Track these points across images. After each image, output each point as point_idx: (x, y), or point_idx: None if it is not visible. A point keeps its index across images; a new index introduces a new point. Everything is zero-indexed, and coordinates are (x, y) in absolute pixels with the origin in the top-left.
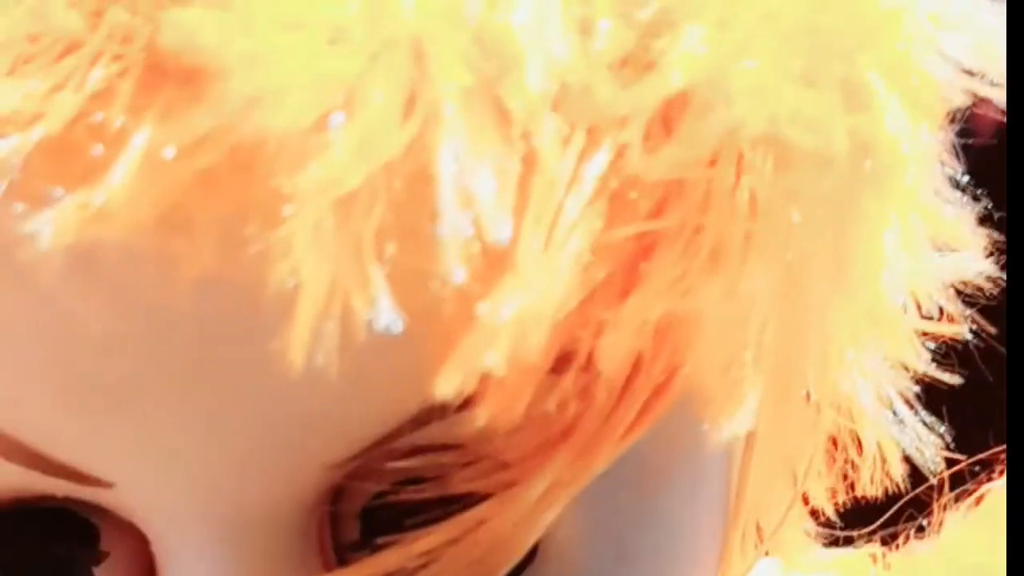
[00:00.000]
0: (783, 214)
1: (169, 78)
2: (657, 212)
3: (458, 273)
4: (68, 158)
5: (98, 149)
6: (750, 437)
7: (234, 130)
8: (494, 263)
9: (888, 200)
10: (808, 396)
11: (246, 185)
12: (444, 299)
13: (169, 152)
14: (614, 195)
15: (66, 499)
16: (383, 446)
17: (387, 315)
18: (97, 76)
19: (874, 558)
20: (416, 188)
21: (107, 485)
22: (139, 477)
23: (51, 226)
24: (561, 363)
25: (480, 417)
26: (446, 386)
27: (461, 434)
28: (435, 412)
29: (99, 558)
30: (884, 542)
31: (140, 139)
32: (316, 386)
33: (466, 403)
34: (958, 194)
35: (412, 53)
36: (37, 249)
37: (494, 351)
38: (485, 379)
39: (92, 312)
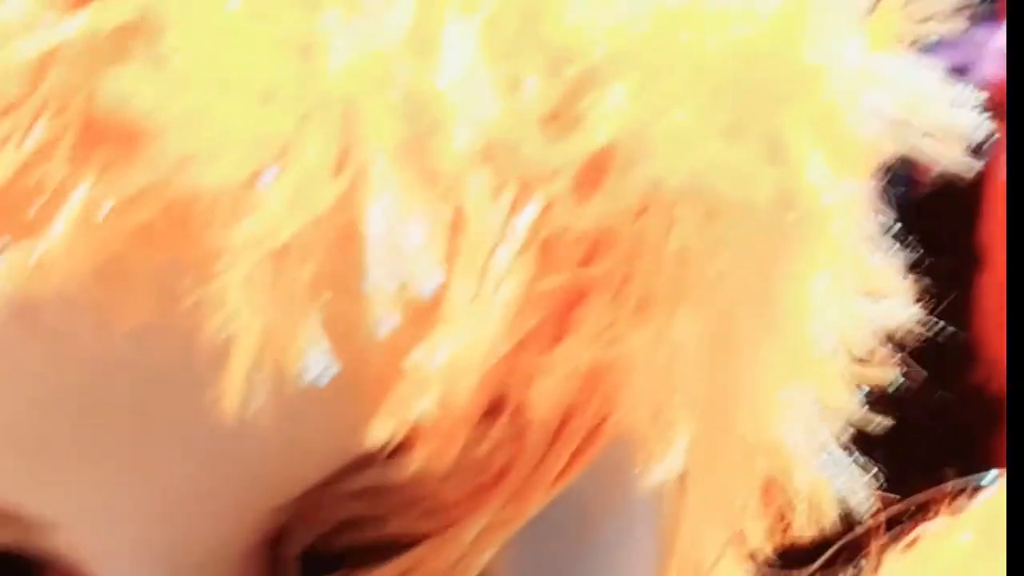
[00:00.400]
0: (710, 263)
1: (107, 136)
2: (586, 262)
3: (389, 323)
4: (9, 212)
5: (38, 204)
6: (683, 479)
7: (170, 186)
8: (425, 313)
9: (813, 249)
10: (742, 439)
11: (182, 239)
12: (376, 348)
13: (107, 207)
14: (544, 246)
15: (10, 543)
16: (321, 490)
17: (319, 364)
18: (37, 134)
19: None
20: (347, 241)
21: (52, 529)
22: (83, 521)
23: None
24: (493, 409)
25: (414, 462)
26: (379, 432)
27: (397, 478)
28: (371, 457)
29: None
30: None
31: (79, 194)
32: (252, 433)
33: (401, 448)
34: (889, 242)
35: (342, 112)
36: None
37: (426, 398)
38: (418, 425)
39: (32, 360)
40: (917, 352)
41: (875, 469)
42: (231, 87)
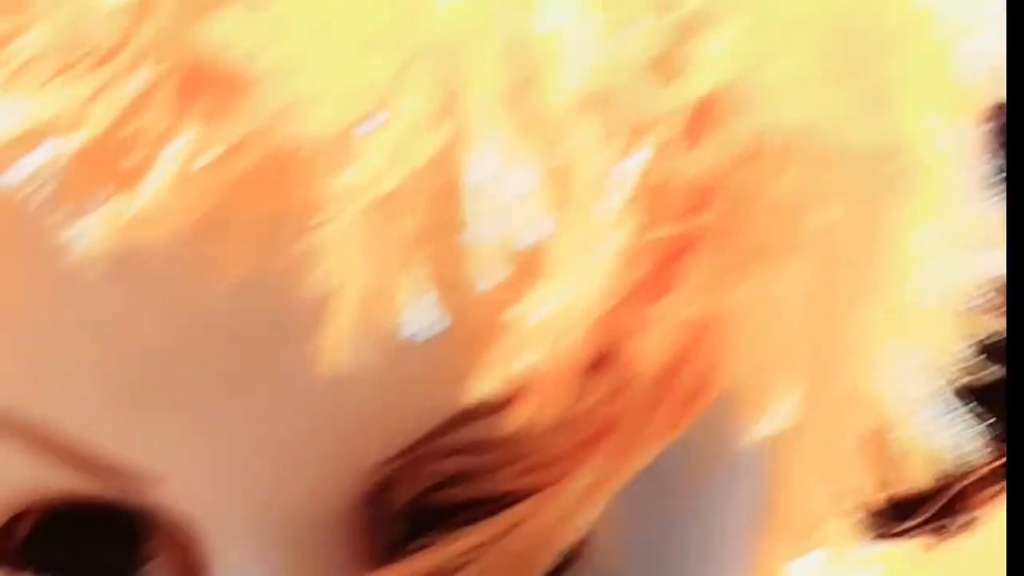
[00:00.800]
0: (817, 213)
1: (206, 85)
2: (693, 211)
3: (494, 275)
4: (108, 164)
5: (137, 155)
6: (789, 434)
7: (270, 135)
8: (528, 266)
9: (920, 198)
10: (849, 392)
11: (283, 189)
12: (480, 301)
13: (206, 157)
14: (651, 195)
15: (115, 500)
16: (424, 446)
17: (424, 318)
18: (136, 83)
19: (922, 550)
20: (451, 192)
21: (156, 481)
22: (186, 473)
23: (93, 231)
24: (600, 362)
25: (519, 416)
26: (483, 387)
27: (501, 433)
28: (474, 412)
29: (147, 558)
30: (933, 534)
31: (178, 145)
32: (354, 387)
33: (505, 402)
34: (995, 190)
35: (444, 60)
36: (80, 254)
37: (530, 352)
38: (523, 379)
39: (135, 315)
40: None
41: (985, 420)
42: (331, 34)
